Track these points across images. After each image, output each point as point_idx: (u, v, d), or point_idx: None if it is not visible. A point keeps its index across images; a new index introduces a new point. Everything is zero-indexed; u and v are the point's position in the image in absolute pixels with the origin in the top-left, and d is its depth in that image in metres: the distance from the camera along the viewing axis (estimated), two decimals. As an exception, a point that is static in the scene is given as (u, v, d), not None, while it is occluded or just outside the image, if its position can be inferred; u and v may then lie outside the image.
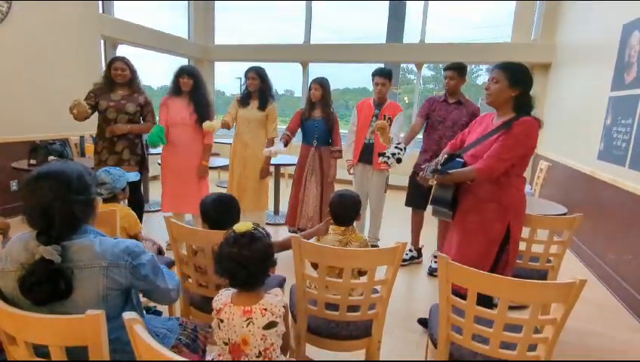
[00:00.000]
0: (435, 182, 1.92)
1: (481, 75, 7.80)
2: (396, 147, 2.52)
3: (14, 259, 1.06)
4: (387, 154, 2.51)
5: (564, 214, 2.75)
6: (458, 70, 2.99)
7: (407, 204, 3.35)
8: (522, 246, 2.18)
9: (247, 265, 1.20)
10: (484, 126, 1.99)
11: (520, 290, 1.30)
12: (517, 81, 1.82)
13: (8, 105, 3.90)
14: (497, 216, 1.88)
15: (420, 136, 3.25)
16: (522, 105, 1.84)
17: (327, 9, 7.01)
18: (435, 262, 3.02)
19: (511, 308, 1.33)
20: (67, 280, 1.02)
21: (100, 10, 5.02)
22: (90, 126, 3.16)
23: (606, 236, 3.33)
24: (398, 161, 2.51)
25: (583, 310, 2.68)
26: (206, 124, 3.11)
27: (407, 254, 3.38)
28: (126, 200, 2.38)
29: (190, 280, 1.82)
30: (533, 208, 2.79)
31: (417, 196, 3.17)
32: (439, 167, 1.92)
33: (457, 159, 1.98)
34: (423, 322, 2.39)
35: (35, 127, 4.12)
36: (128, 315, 0.89)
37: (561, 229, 2.24)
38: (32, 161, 3.50)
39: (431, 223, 3.28)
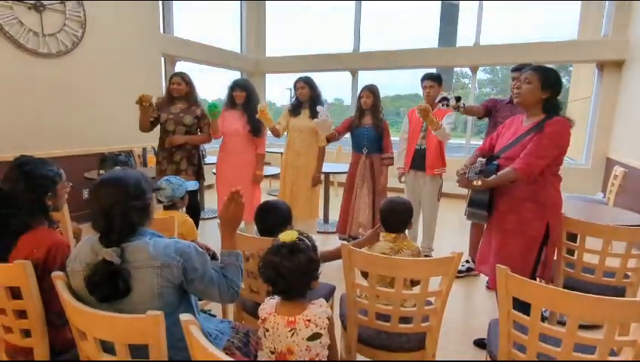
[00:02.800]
0: (480, 183, 1.89)
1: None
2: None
3: (82, 260, 1.16)
4: (447, 96, 2.59)
5: (644, 224, 2.48)
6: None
7: None
8: (594, 259, 2.01)
9: (286, 275, 1.20)
10: (514, 129, 2.00)
11: (593, 307, 1.18)
12: (549, 84, 1.85)
13: (82, 120, 4.28)
14: (536, 214, 1.88)
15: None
16: (551, 107, 1.88)
17: (377, 16, 6.99)
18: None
19: (581, 326, 1.21)
20: (125, 280, 1.10)
21: (161, 30, 5.39)
22: (152, 138, 3.39)
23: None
24: (458, 98, 2.53)
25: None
26: (262, 105, 3.15)
27: (463, 265, 3.22)
28: (184, 208, 2.50)
29: (242, 285, 1.86)
30: (606, 218, 2.56)
31: None
32: (484, 167, 1.90)
33: (493, 162, 1.98)
34: (479, 344, 2.26)
35: (103, 140, 4.49)
36: (185, 317, 0.93)
37: (641, 241, 2.02)
38: (101, 171, 3.81)
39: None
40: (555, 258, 2.02)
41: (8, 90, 3.63)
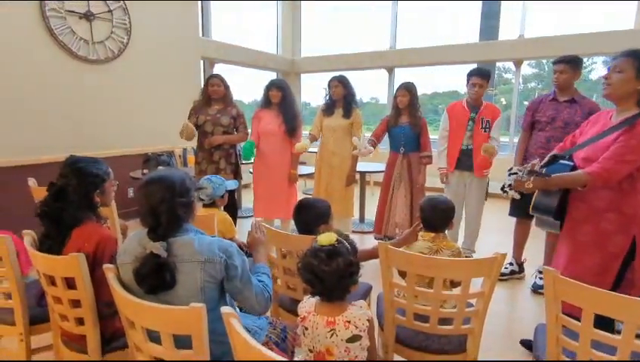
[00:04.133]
0: (530, 185, 1.71)
1: (595, 69, 6.94)
2: (510, 173, 2.12)
3: (131, 253, 1.22)
4: (505, 189, 2.14)
5: None
6: (570, 63, 2.63)
7: (512, 213, 3.04)
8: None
9: (324, 278, 1.19)
10: (600, 126, 1.73)
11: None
12: None
13: (127, 122, 4.49)
14: (619, 227, 1.63)
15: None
16: None
17: (413, 13, 6.84)
18: (541, 278, 2.70)
19: (638, 336, 1.13)
20: (171, 272, 1.15)
21: (200, 34, 5.56)
22: (192, 139, 3.51)
23: None
24: (521, 193, 2.13)
25: None
26: (297, 146, 3.25)
27: (506, 268, 3.09)
28: (222, 206, 2.56)
29: (279, 282, 1.89)
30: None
31: (523, 205, 2.87)
32: (537, 168, 1.71)
33: (563, 161, 1.74)
34: (526, 344, 2.16)
35: (146, 141, 4.68)
36: (226, 309, 0.95)
37: None
38: (145, 171, 3.98)
39: (536, 236, 2.96)
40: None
41: (62, 95, 3.87)
